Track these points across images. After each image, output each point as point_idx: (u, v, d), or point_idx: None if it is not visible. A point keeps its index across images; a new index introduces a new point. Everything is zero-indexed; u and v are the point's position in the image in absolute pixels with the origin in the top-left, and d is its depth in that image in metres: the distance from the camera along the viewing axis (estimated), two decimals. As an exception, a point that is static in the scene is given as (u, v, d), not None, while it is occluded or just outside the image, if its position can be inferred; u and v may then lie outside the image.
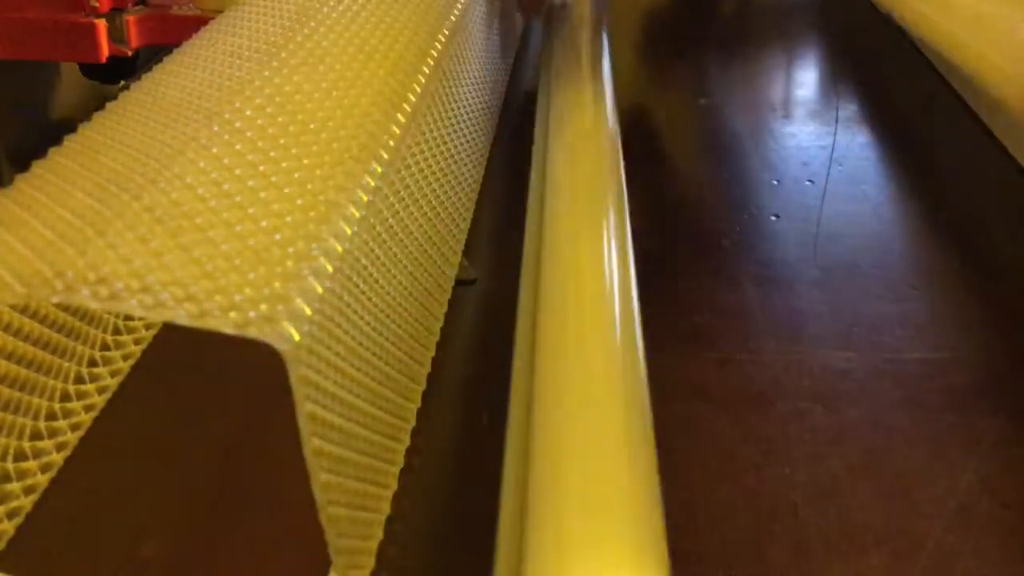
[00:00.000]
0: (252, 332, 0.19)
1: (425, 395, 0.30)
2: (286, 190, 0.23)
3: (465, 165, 0.41)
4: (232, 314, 0.19)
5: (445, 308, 0.34)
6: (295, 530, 0.26)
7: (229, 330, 0.19)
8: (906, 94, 0.53)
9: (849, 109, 0.51)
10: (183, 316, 0.19)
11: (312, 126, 0.27)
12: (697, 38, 0.60)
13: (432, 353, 0.32)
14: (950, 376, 0.32)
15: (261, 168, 0.24)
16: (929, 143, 0.48)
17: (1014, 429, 0.30)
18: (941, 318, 0.36)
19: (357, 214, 0.24)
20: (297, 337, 0.19)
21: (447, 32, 0.39)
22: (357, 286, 0.24)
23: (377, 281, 0.25)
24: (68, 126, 0.55)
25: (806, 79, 0.56)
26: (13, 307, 0.28)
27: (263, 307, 0.19)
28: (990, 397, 0.31)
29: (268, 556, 0.26)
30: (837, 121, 0.49)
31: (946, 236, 0.39)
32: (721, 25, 0.52)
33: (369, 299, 0.25)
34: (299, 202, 0.23)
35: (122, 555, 0.26)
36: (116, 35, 0.44)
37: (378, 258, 0.26)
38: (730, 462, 0.29)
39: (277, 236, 0.22)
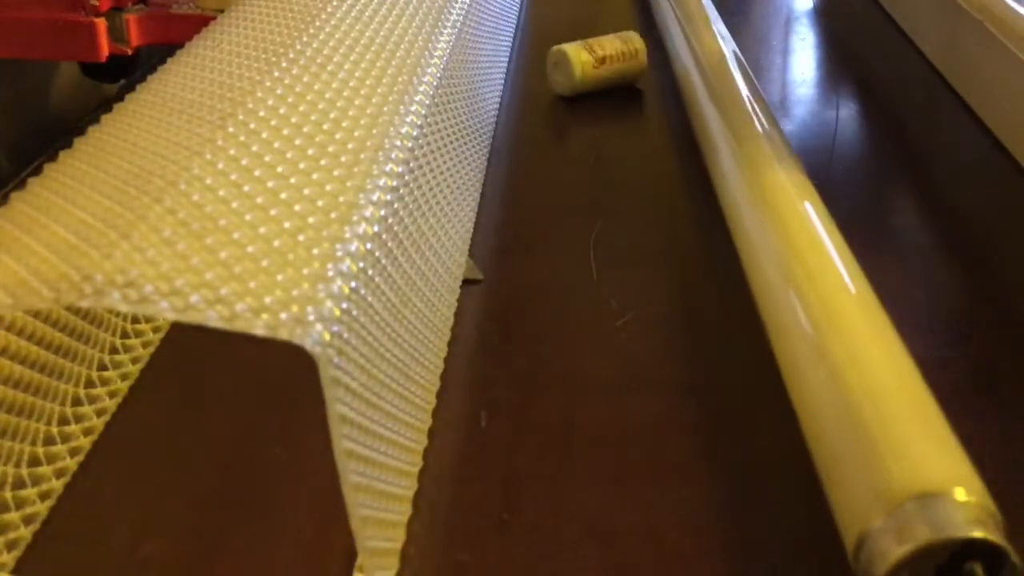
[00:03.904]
0: (283, 334, 0.19)
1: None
2: (306, 191, 0.23)
3: (472, 161, 0.41)
4: (263, 316, 0.19)
5: (455, 307, 0.34)
6: (295, 531, 0.26)
7: (260, 332, 0.19)
8: (906, 94, 0.54)
9: (849, 109, 0.51)
10: (214, 319, 0.18)
11: (326, 126, 0.27)
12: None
13: (445, 352, 0.32)
14: (950, 375, 0.32)
15: (279, 169, 0.24)
16: (929, 143, 0.49)
17: (1015, 427, 0.30)
18: (940, 318, 0.36)
19: (377, 214, 0.24)
20: (327, 338, 0.19)
21: (453, 27, 0.39)
22: (379, 287, 0.24)
23: (396, 282, 0.25)
24: (68, 126, 0.55)
25: (806, 79, 0.56)
26: (28, 311, 0.28)
27: (294, 309, 0.19)
28: (990, 395, 0.32)
29: (268, 556, 0.26)
30: (837, 121, 0.49)
31: (945, 236, 0.39)
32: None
33: (389, 299, 0.25)
34: (320, 203, 0.23)
35: (122, 555, 0.26)
36: (116, 34, 0.43)
37: (396, 259, 0.26)
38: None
39: (301, 237, 0.21)
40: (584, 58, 0.51)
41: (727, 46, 0.46)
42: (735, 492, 0.28)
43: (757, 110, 0.40)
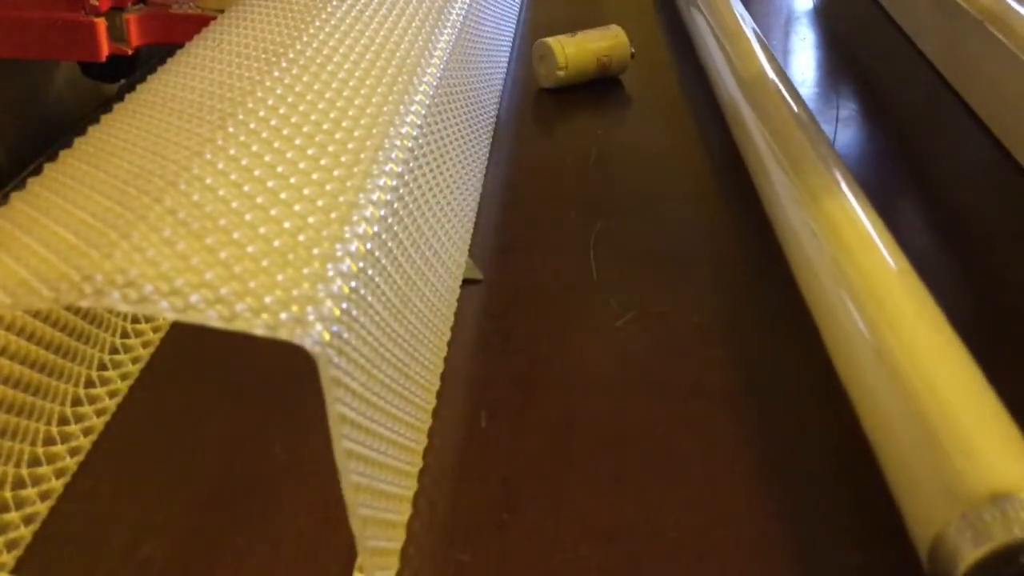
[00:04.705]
0: (283, 334, 0.19)
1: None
2: (305, 191, 0.23)
3: (472, 161, 0.41)
4: (263, 316, 0.19)
5: (455, 307, 0.34)
6: (295, 531, 0.26)
7: (260, 332, 0.19)
8: (906, 94, 0.54)
9: (849, 109, 0.51)
10: (214, 319, 0.18)
11: (326, 126, 0.27)
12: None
13: (444, 352, 0.32)
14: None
15: (279, 169, 0.24)
16: (929, 143, 0.49)
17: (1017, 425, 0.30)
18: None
19: (377, 214, 0.24)
20: (327, 338, 0.19)
21: (453, 27, 0.39)
22: (379, 286, 0.24)
23: (396, 282, 0.25)
24: (68, 126, 0.55)
25: (806, 79, 0.56)
26: (28, 311, 0.28)
27: (294, 309, 0.19)
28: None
29: (268, 556, 0.26)
30: (837, 121, 0.49)
31: (946, 236, 0.39)
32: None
33: (389, 299, 0.25)
34: (320, 203, 0.23)
35: (122, 555, 0.26)
36: (116, 34, 0.43)
37: (396, 259, 0.26)
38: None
39: (301, 237, 0.21)
40: (568, 50, 0.52)
41: (746, 23, 0.47)
42: (736, 492, 0.28)
43: (798, 112, 0.40)
